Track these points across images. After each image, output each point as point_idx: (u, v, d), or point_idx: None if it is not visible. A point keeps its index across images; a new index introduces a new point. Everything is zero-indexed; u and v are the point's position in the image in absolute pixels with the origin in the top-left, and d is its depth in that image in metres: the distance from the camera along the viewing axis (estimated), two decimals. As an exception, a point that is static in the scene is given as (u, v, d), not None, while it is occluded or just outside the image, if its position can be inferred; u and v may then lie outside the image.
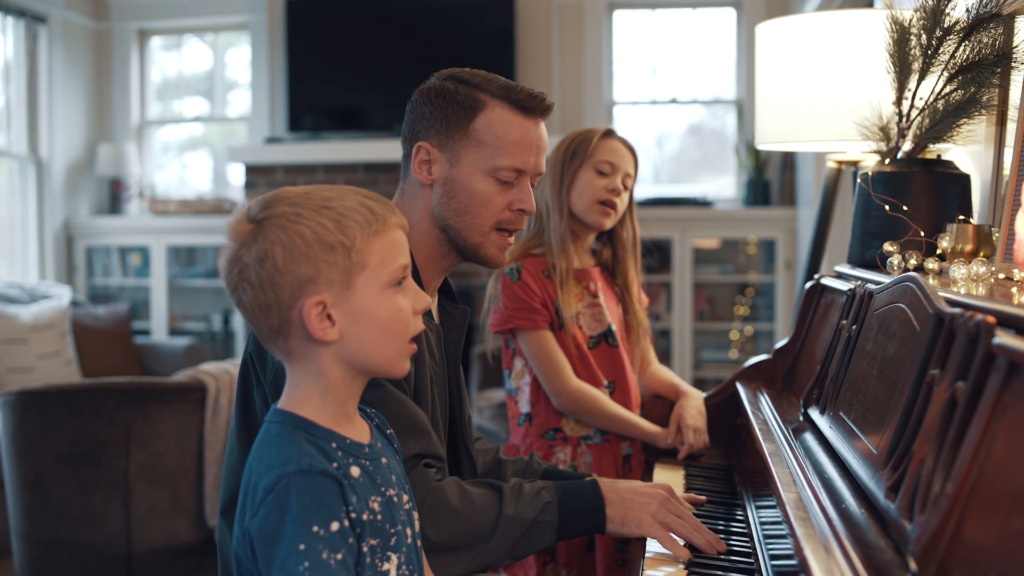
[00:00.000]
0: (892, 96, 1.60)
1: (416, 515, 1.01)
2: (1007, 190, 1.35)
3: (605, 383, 1.91)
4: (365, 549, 0.88)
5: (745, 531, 1.41)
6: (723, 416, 1.91)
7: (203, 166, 5.83)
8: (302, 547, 0.82)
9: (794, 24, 2.02)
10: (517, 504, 1.24)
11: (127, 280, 5.36)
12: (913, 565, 0.82)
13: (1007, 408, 0.78)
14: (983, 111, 1.50)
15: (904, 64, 1.57)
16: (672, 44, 5.30)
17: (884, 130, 1.65)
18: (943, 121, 1.51)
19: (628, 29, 5.18)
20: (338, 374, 0.92)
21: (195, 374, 2.78)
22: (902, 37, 1.57)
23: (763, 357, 1.92)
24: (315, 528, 0.83)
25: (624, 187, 1.91)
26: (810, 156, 4.09)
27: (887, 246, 1.42)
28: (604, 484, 1.30)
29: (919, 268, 1.36)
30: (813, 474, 1.17)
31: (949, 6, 1.52)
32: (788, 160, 4.78)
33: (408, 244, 0.96)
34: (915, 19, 1.57)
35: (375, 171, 4.76)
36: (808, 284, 1.84)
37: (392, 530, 0.92)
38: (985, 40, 1.48)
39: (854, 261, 1.62)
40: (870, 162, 2.03)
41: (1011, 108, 1.49)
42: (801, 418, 1.44)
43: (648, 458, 1.90)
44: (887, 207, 1.52)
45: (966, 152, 1.73)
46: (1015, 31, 1.48)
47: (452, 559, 1.20)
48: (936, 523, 0.80)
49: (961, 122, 1.51)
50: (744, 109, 4.93)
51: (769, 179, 4.89)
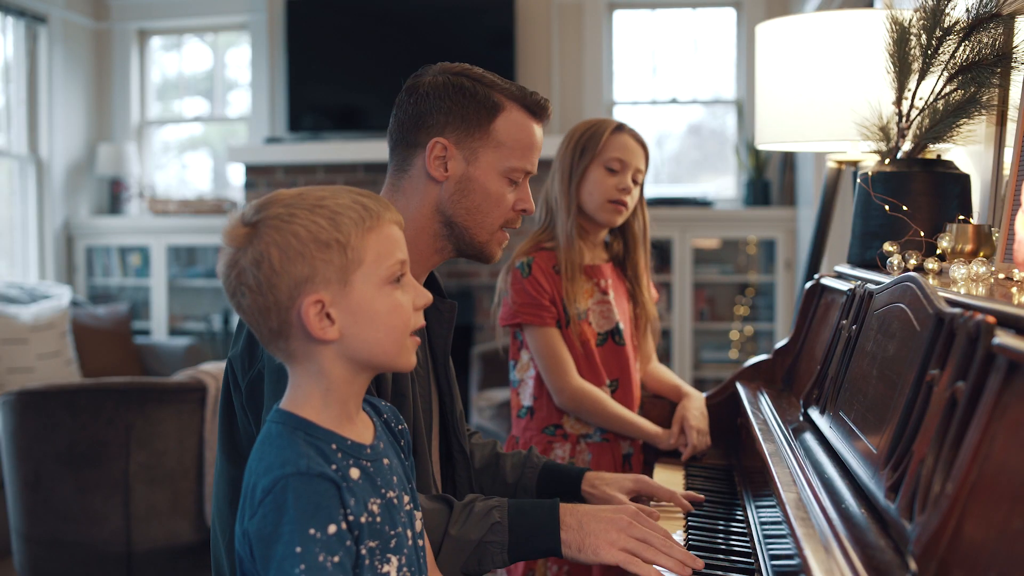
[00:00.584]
0: (892, 96, 1.60)
1: (419, 515, 1.01)
2: (1007, 190, 1.35)
3: (608, 381, 1.91)
4: (364, 551, 0.88)
5: (745, 531, 1.41)
6: (723, 416, 1.91)
7: (203, 166, 5.83)
8: (298, 549, 0.82)
9: (794, 24, 2.02)
10: (463, 524, 1.20)
11: (127, 280, 5.36)
12: (913, 565, 0.82)
13: (1007, 408, 0.78)
14: (983, 111, 1.50)
15: (904, 64, 1.57)
16: (672, 44, 5.30)
17: (884, 130, 1.65)
18: (943, 121, 1.51)
19: (628, 29, 5.18)
20: (340, 373, 0.92)
21: (195, 374, 2.78)
22: (902, 37, 1.57)
23: (763, 357, 1.92)
24: (312, 531, 0.83)
25: (635, 182, 1.91)
26: (810, 156, 4.09)
27: (887, 246, 1.42)
28: (564, 507, 1.24)
29: (919, 268, 1.36)
30: (813, 474, 1.17)
31: (949, 6, 1.52)
32: (788, 160, 4.78)
33: (404, 239, 0.95)
34: (915, 19, 1.57)
35: (375, 171, 4.76)
36: (808, 284, 1.84)
37: (392, 532, 0.91)
38: (985, 40, 1.47)
39: (854, 261, 1.62)
40: (870, 162, 2.03)
41: (1011, 108, 1.49)
42: (801, 418, 1.44)
43: (648, 458, 1.90)
44: (887, 207, 1.52)
45: (966, 152, 1.73)
46: (1015, 31, 1.48)
47: None
48: (936, 523, 0.80)
49: (961, 122, 1.51)
50: (744, 109, 4.93)
51: (769, 179, 4.89)
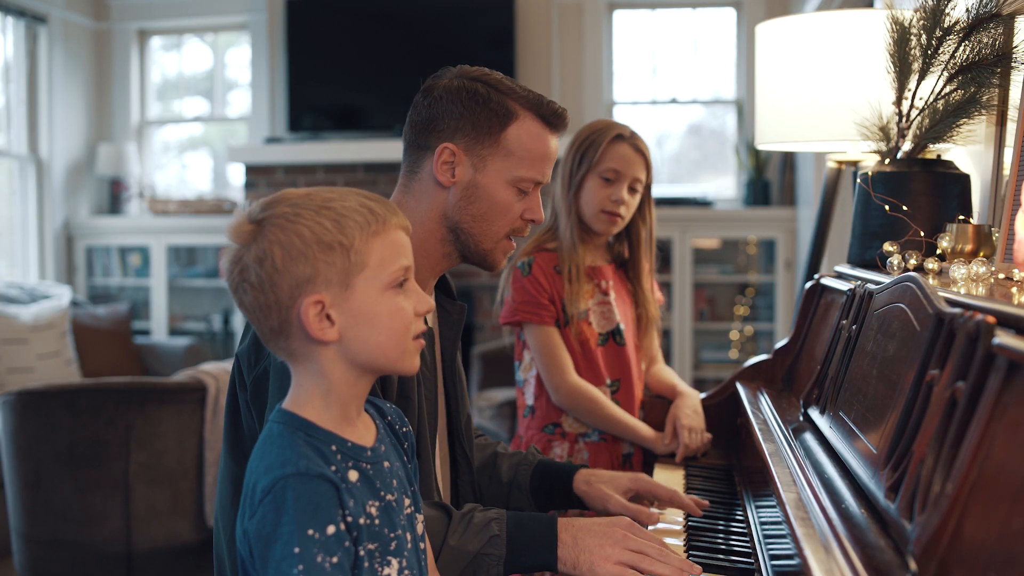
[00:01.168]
0: (892, 96, 1.60)
1: (420, 518, 1.01)
2: (1007, 190, 1.35)
3: (608, 382, 1.92)
4: (363, 553, 0.88)
5: (745, 531, 1.41)
6: (723, 416, 1.91)
7: (203, 166, 5.83)
8: (297, 550, 0.82)
9: (794, 24, 2.02)
10: (463, 534, 1.19)
11: (127, 280, 5.36)
12: (913, 565, 0.82)
13: (1007, 408, 0.78)
14: (983, 111, 1.50)
15: (904, 64, 1.57)
16: (672, 44, 5.30)
17: (884, 130, 1.65)
18: (943, 121, 1.51)
19: (628, 29, 5.18)
20: (341, 375, 0.92)
21: (195, 374, 2.78)
22: (902, 37, 1.57)
23: (763, 357, 1.92)
24: (310, 531, 0.83)
25: (634, 190, 1.91)
26: (810, 156, 4.09)
27: (887, 246, 1.42)
28: (561, 523, 1.24)
29: (919, 268, 1.36)
30: (813, 474, 1.17)
31: (949, 6, 1.52)
32: (788, 160, 4.78)
33: (411, 245, 0.95)
34: (915, 19, 1.57)
35: (375, 171, 4.76)
36: (808, 284, 1.84)
37: (391, 535, 0.91)
38: (985, 40, 1.47)
39: (854, 261, 1.62)
40: (870, 162, 2.03)
41: (1011, 108, 1.49)
42: (801, 418, 1.44)
43: (648, 458, 1.90)
44: (887, 207, 1.52)
45: (966, 152, 1.73)
46: (1015, 31, 1.48)
47: None
48: (936, 523, 0.80)
49: (961, 122, 1.51)
50: (744, 109, 4.93)
51: (769, 179, 4.89)
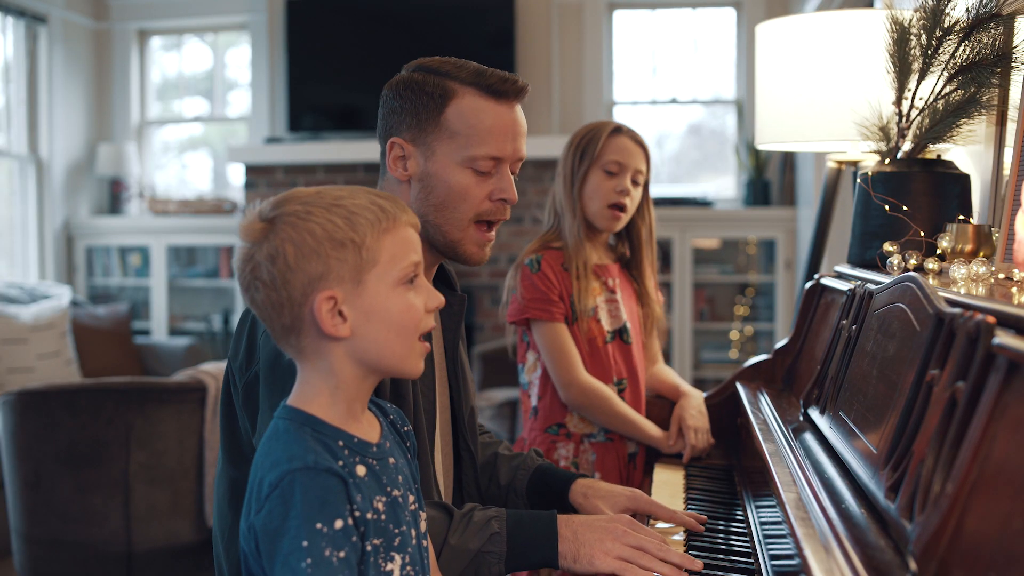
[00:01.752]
0: (892, 96, 1.60)
1: (423, 515, 1.01)
2: (1007, 190, 1.35)
3: (615, 380, 1.92)
4: (368, 548, 0.88)
5: (745, 531, 1.41)
6: (723, 416, 1.91)
7: (203, 166, 5.83)
8: (305, 544, 0.82)
9: (794, 24, 2.02)
10: (463, 533, 1.19)
11: (127, 280, 5.36)
12: (913, 565, 0.82)
13: (1007, 408, 0.78)
14: (983, 111, 1.50)
15: (904, 64, 1.57)
16: (672, 44, 5.30)
17: (884, 130, 1.65)
18: (943, 121, 1.51)
19: (628, 29, 5.18)
20: (350, 372, 0.93)
21: (195, 374, 2.78)
22: (902, 37, 1.57)
23: (763, 357, 1.92)
24: (319, 525, 0.83)
25: (636, 183, 1.92)
26: (810, 156, 4.09)
27: (887, 246, 1.42)
28: (561, 519, 1.24)
29: (919, 268, 1.36)
30: (813, 474, 1.17)
31: (949, 6, 1.52)
32: (788, 160, 4.78)
33: (420, 242, 0.96)
34: (915, 19, 1.57)
35: (375, 171, 4.73)
36: (808, 284, 1.84)
37: (396, 531, 0.92)
38: (985, 40, 1.47)
39: (854, 261, 1.62)
40: (870, 162, 2.03)
41: (1011, 108, 1.49)
42: (801, 418, 1.44)
43: (649, 457, 1.90)
44: (887, 207, 1.52)
45: (966, 152, 1.73)
46: (1015, 31, 1.48)
47: None
48: (936, 523, 0.80)
49: (961, 122, 1.51)
50: (744, 109, 4.93)
51: (769, 179, 4.89)
